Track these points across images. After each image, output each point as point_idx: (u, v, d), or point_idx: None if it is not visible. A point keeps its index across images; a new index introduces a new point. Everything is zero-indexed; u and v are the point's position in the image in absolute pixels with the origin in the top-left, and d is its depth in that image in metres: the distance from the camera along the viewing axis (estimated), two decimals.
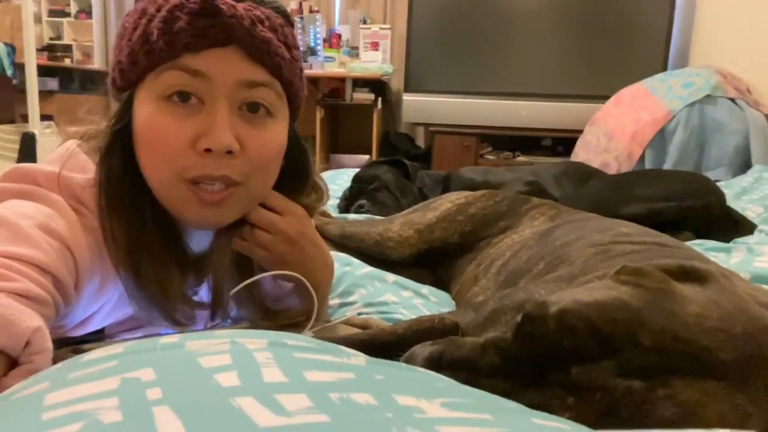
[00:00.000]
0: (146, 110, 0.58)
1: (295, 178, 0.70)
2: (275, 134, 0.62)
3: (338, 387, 0.31)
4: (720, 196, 1.41)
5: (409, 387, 0.33)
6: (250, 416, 0.26)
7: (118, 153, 0.60)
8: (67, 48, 4.58)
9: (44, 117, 3.04)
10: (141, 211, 0.61)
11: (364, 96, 3.68)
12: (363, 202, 1.60)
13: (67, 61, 4.46)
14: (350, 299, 0.97)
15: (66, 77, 4.21)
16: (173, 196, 0.60)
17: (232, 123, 0.58)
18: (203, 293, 0.70)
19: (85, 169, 0.61)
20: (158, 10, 0.57)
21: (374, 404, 0.29)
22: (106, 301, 0.64)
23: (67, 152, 0.62)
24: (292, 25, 0.65)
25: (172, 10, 0.57)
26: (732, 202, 1.50)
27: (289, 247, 0.68)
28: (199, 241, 0.68)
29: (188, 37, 0.56)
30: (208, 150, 0.57)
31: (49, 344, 0.47)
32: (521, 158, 3.46)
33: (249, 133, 0.59)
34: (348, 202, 1.66)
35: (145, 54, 0.57)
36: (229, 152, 0.58)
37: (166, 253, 0.62)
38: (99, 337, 0.69)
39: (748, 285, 0.51)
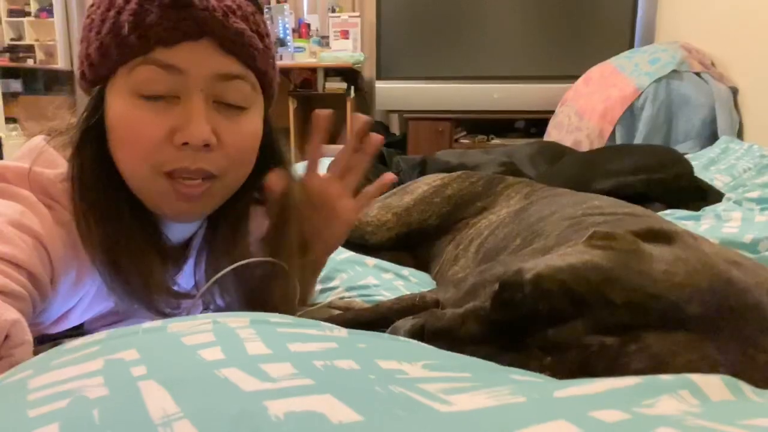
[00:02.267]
0: (120, 105, 0.57)
1: (271, 167, 0.70)
2: (251, 126, 0.62)
3: (322, 355, 0.32)
4: (688, 167, 1.45)
5: (391, 353, 0.34)
6: (235, 383, 0.26)
7: (91, 147, 0.59)
8: (30, 48, 4.47)
9: (9, 120, 2.96)
10: (117, 204, 0.60)
11: (337, 85, 3.67)
12: None
13: (30, 62, 4.35)
14: (331, 284, 0.98)
15: (30, 78, 4.11)
16: (150, 190, 0.60)
17: (209, 116, 0.57)
18: (182, 281, 0.70)
19: (55, 164, 0.60)
20: (127, 2, 0.56)
21: (357, 368, 0.30)
22: (84, 294, 0.63)
23: (36, 148, 0.61)
24: (262, 12, 0.64)
25: (142, 3, 0.55)
26: (700, 173, 1.54)
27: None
28: (177, 231, 0.67)
29: (161, 31, 0.55)
30: (185, 144, 0.56)
31: (29, 337, 0.47)
32: (495, 141, 3.49)
33: (225, 125, 0.59)
34: None
35: (117, 47, 0.56)
36: (206, 146, 0.57)
37: (145, 244, 0.62)
38: (79, 333, 0.69)
39: (713, 244, 0.53)
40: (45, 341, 0.65)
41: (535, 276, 0.44)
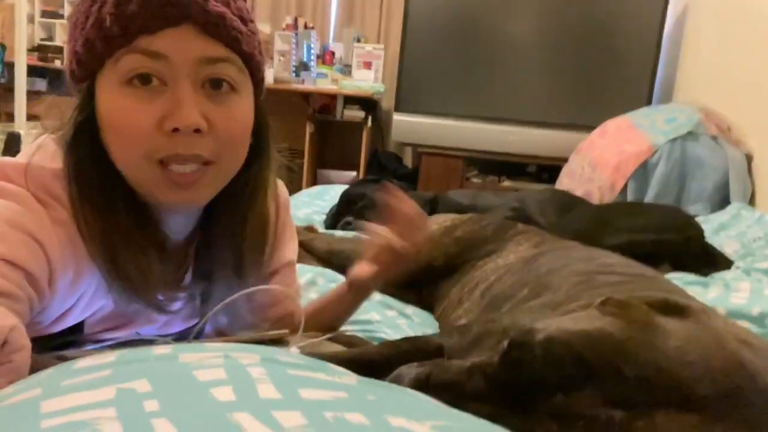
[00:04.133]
0: (109, 97, 0.58)
1: (260, 154, 0.70)
2: (241, 110, 0.62)
3: (332, 406, 0.32)
4: (699, 230, 1.45)
5: (400, 408, 0.34)
6: (248, 431, 0.26)
7: (85, 143, 0.60)
8: (58, 49, 4.55)
9: (31, 117, 3.01)
10: (113, 199, 0.61)
11: (355, 113, 3.70)
12: (350, 219, 1.61)
13: (57, 63, 4.43)
14: None
15: (55, 78, 4.18)
16: (145, 179, 0.60)
17: (198, 101, 0.58)
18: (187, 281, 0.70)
19: (54, 159, 0.61)
20: None
21: (367, 424, 0.30)
22: (82, 293, 0.63)
23: (36, 142, 0.62)
24: None
25: None
26: (710, 237, 1.53)
27: None
28: (175, 225, 0.67)
29: (142, 20, 0.56)
30: (176, 130, 0.57)
31: (27, 342, 0.47)
32: (506, 183, 3.50)
33: (215, 110, 0.59)
34: (335, 219, 1.67)
35: (101, 41, 0.57)
36: (197, 131, 0.57)
37: (142, 239, 0.62)
38: (79, 338, 0.68)
39: (726, 321, 0.53)
40: (44, 343, 0.65)
41: (547, 339, 0.44)
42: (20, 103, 2.87)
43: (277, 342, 0.72)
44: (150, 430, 0.26)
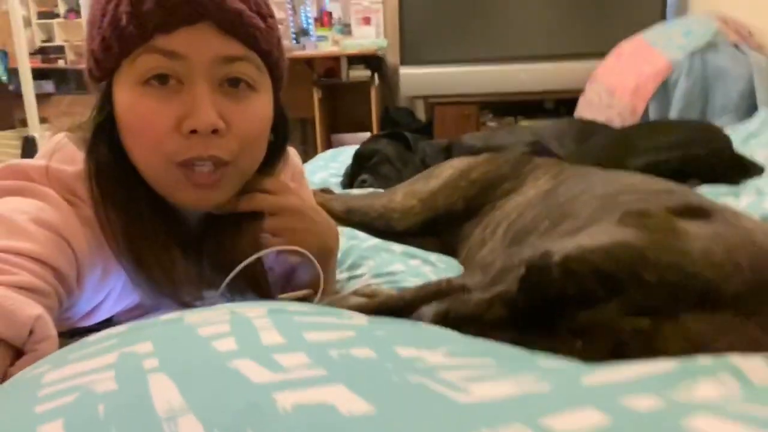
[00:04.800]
0: (126, 97, 0.57)
1: (279, 152, 0.69)
2: (259, 108, 0.61)
3: (338, 344, 0.31)
4: (727, 141, 1.38)
5: (411, 340, 0.33)
6: (245, 375, 0.25)
7: (105, 143, 0.60)
8: (60, 49, 4.56)
9: (43, 120, 3.04)
10: (135, 198, 0.60)
11: (361, 73, 3.64)
12: (365, 176, 1.59)
13: (60, 63, 4.44)
14: (358, 272, 0.97)
15: (60, 79, 4.20)
16: (165, 180, 0.60)
17: (215, 101, 0.57)
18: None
19: (74, 161, 0.61)
20: None
21: (374, 357, 0.29)
22: (111, 289, 0.64)
23: (55, 145, 0.62)
24: None
25: None
26: (739, 147, 1.47)
27: (298, 220, 0.67)
28: (197, 222, 0.67)
29: (158, 18, 0.55)
30: (193, 131, 0.56)
31: (53, 332, 0.47)
32: (524, 123, 3.42)
33: (233, 109, 0.58)
34: (350, 178, 1.65)
35: (117, 40, 0.56)
36: (215, 131, 0.57)
37: (165, 237, 0.62)
38: (110, 325, 0.69)
39: (753, 220, 0.50)
40: (76, 334, 0.66)
41: (564, 258, 0.42)
42: (30, 108, 2.89)
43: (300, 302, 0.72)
44: (145, 384, 0.25)
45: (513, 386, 0.25)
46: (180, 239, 0.64)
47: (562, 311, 0.43)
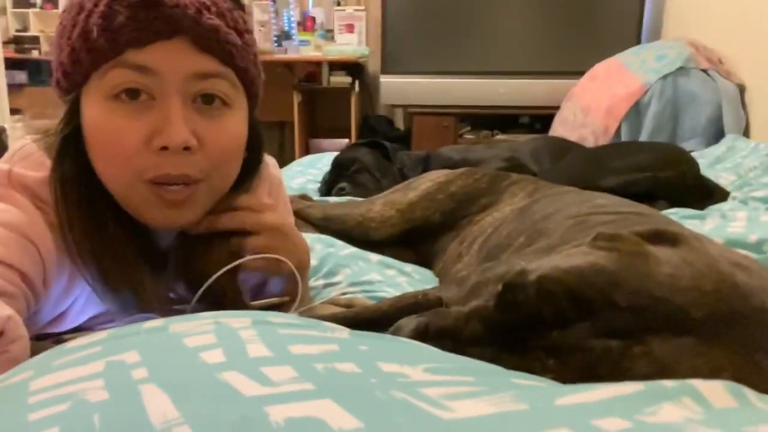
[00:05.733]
0: (95, 112, 0.55)
1: (254, 169, 0.67)
2: (233, 126, 0.60)
3: (323, 358, 0.32)
4: (694, 165, 1.44)
5: (393, 355, 0.34)
6: (236, 388, 0.26)
7: (71, 156, 0.57)
8: (35, 40, 4.46)
9: (14, 111, 2.97)
10: (101, 213, 0.58)
11: (341, 79, 3.65)
12: (344, 185, 1.60)
13: (35, 53, 4.35)
14: (334, 279, 0.98)
15: (34, 70, 4.11)
16: (133, 198, 0.58)
17: (187, 118, 0.55)
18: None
19: (42, 166, 0.58)
20: (96, 5, 0.54)
21: (358, 372, 0.30)
22: (76, 297, 0.62)
23: (22, 150, 0.60)
24: (242, 8, 0.62)
25: (111, 4, 0.53)
26: (706, 171, 1.52)
27: (280, 239, 0.66)
28: (167, 237, 0.65)
29: (130, 32, 0.53)
30: (164, 148, 0.54)
31: (24, 332, 0.47)
32: (500, 136, 3.47)
33: (206, 126, 0.56)
34: (328, 186, 1.66)
35: (87, 53, 0.54)
36: (187, 149, 0.55)
37: (133, 255, 0.60)
38: (77, 328, 0.68)
39: (719, 246, 0.53)
40: (47, 338, 0.65)
41: (539, 278, 0.44)
42: (2, 98, 2.83)
43: (277, 309, 0.72)
44: (137, 394, 0.26)
45: (492, 405, 0.26)
46: (149, 255, 0.62)
47: (536, 329, 0.45)
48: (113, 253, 0.58)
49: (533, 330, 0.44)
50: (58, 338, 0.60)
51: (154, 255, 0.63)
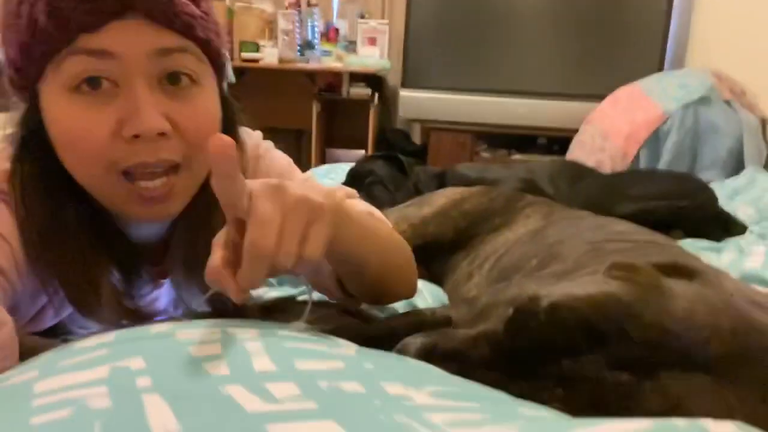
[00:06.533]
0: (56, 107, 0.52)
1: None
2: (205, 104, 0.56)
3: (327, 375, 0.31)
4: (712, 196, 1.42)
5: (398, 376, 0.33)
6: (239, 403, 0.26)
7: (33, 155, 0.54)
8: None
9: None
10: (62, 212, 0.55)
11: (361, 91, 3.66)
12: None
13: None
14: None
15: None
16: (109, 194, 0.54)
17: (157, 101, 0.51)
18: (164, 291, 0.67)
19: (5, 161, 0.56)
20: None
21: (362, 392, 0.30)
22: (51, 295, 0.58)
23: None
24: None
25: None
26: (724, 203, 1.51)
27: (280, 193, 0.55)
28: (148, 232, 0.62)
29: (80, 15, 0.49)
30: (136, 136, 0.51)
31: (9, 318, 0.45)
32: (517, 156, 3.46)
33: (177, 108, 0.53)
34: None
35: (37, 44, 0.50)
36: (161, 134, 0.52)
37: (93, 252, 0.56)
38: (60, 325, 0.66)
39: (736, 282, 0.52)
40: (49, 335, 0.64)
41: (552, 305, 0.43)
42: None
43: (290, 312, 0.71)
44: (140, 404, 0.26)
45: None
46: (115, 254, 0.59)
47: (546, 356, 0.44)
48: (70, 250, 0.55)
49: (542, 357, 0.43)
50: (66, 338, 0.59)
51: (122, 253, 0.60)
